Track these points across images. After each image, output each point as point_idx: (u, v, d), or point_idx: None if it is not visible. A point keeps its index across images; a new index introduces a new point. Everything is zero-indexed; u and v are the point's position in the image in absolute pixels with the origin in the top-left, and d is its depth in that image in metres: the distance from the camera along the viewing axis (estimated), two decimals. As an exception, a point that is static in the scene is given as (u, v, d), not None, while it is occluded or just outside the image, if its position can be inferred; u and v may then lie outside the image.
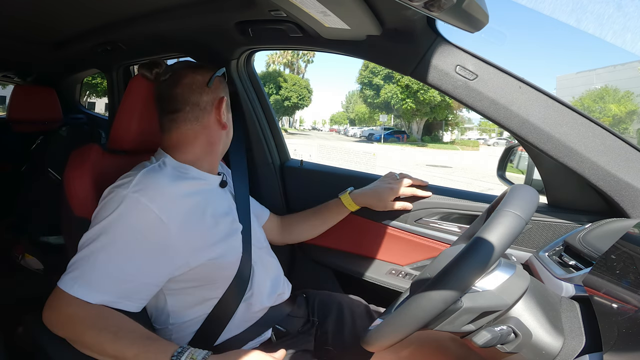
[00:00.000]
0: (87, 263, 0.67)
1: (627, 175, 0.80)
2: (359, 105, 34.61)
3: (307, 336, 0.94)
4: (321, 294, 1.04)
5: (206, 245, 0.76)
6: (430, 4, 0.51)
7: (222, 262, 0.78)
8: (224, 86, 0.89)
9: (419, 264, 1.10)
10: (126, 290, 0.68)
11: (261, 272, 0.87)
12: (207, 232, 0.77)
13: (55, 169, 1.57)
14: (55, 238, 1.55)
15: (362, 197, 1.08)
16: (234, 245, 0.82)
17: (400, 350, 0.80)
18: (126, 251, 0.68)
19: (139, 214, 0.69)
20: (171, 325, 0.80)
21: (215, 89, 0.85)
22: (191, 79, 0.83)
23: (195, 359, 0.62)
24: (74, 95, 2.44)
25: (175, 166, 0.80)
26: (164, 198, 0.71)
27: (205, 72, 0.85)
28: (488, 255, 0.54)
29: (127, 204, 0.69)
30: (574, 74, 26.50)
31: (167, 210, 0.71)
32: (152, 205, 0.69)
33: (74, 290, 0.65)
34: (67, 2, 1.10)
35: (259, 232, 0.95)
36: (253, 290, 0.84)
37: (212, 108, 0.84)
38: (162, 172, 0.76)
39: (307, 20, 0.90)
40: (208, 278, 0.78)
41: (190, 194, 0.76)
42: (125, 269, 0.68)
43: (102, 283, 0.66)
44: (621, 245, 0.63)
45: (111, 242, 0.68)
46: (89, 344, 0.64)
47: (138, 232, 0.69)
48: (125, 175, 0.75)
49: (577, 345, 0.56)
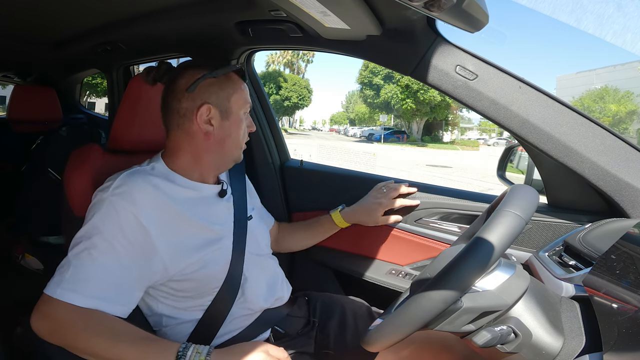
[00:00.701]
0: (70, 267, 0.67)
1: (627, 175, 0.80)
2: (359, 105, 34.63)
3: (307, 339, 0.93)
4: (323, 296, 1.03)
5: (185, 252, 0.75)
6: (430, 4, 0.51)
7: (205, 272, 0.76)
8: (217, 90, 0.79)
9: (419, 264, 1.10)
10: (111, 293, 0.68)
11: (257, 279, 0.85)
12: (188, 239, 0.75)
13: (55, 169, 1.57)
14: (55, 238, 1.55)
15: (352, 214, 1.08)
16: (219, 255, 0.79)
17: (400, 350, 0.80)
18: (108, 253, 0.68)
19: (118, 216, 0.69)
20: (165, 328, 0.80)
21: (198, 95, 0.78)
22: (174, 83, 0.79)
23: (201, 352, 0.62)
24: (74, 95, 2.43)
25: (164, 172, 0.79)
26: (143, 201, 0.71)
27: (192, 75, 0.78)
28: (488, 255, 0.54)
29: (106, 207, 0.70)
30: (574, 74, 26.53)
31: (145, 213, 0.71)
32: (131, 207, 0.70)
33: (58, 293, 0.65)
34: (67, 2, 1.10)
35: (261, 238, 0.92)
36: (246, 297, 0.83)
37: (192, 115, 0.78)
38: (147, 176, 0.75)
39: (307, 20, 0.90)
40: (193, 289, 0.77)
41: (174, 200, 0.76)
42: (109, 271, 0.68)
43: (86, 286, 0.66)
44: (621, 245, 0.63)
45: (93, 246, 0.68)
46: (85, 349, 0.64)
47: (118, 234, 0.69)
48: (110, 178, 0.75)
49: (577, 345, 0.56)
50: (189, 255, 0.75)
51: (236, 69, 0.83)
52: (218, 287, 0.79)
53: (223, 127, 0.80)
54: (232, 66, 0.82)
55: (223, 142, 0.81)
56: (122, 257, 0.69)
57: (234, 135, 0.82)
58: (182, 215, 0.76)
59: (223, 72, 0.80)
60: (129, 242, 0.70)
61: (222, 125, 0.80)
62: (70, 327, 0.64)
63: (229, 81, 0.81)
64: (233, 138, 0.82)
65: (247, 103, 0.84)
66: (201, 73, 0.78)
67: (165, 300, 0.78)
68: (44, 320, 0.66)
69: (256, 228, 0.92)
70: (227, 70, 0.81)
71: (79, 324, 0.64)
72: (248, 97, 0.84)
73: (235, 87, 0.81)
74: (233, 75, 0.82)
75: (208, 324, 0.79)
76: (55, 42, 1.56)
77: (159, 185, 0.75)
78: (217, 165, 0.84)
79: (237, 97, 0.81)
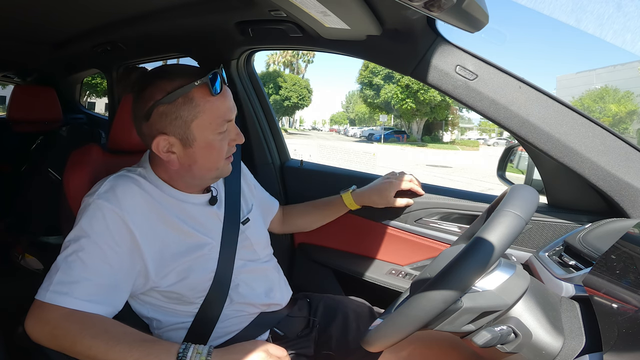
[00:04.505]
0: (59, 271, 0.67)
1: (627, 175, 0.80)
2: (359, 105, 34.63)
3: (306, 341, 0.92)
4: (325, 297, 1.02)
5: (169, 257, 0.74)
6: (430, 4, 0.51)
7: (189, 279, 0.76)
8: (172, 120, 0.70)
9: (419, 264, 1.10)
10: (100, 295, 0.68)
11: (250, 285, 0.85)
12: (172, 244, 0.75)
13: (55, 169, 1.57)
14: (55, 238, 1.56)
15: (363, 195, 1.07)
16: (203, 262, 0.78)
17: (400, 350, 0.80)
18: (96, 256, 0.68)
19: (105, 218, 0.70)
20: (158, 330, 0.80)
21: (153, 124, 0.71)
22: (135, 103, 0.74)
23: (202, 352, 0.62)
24: (74, 95, 2.44)
25: (151, 177, 0.78)
26: (128, 204, 0.72)
27: (148, 98, 0.70)
28: (488, 255, 0.54)
29: (92, 210, 0.70)
30: (574, 74, 26.54)
31: (131, 216, 0.71)
32: (117, 210, 0.70)
33: (47, 297, 0.65)
34: (67, 2, 1.10)
35: (257, 242, 0.90)
36: (238, 302, 0.82)
37: (151, 144, 0.72)
38: (134, 179, 0.75)
39: (307, 20, 0.90)
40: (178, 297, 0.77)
41: (160, 204, 0.76)
42: (98, 273, 0.68)
43: (76, 288, 0.66)
44: (621, 245, 0.63)
45: (81, 248, 0.68)
46: (83, 352, 0.63)
47: (105, 236, 0.69)
48: (98, 182, 0.75)
49: (577, 345, 0.56)
50: (173, 260, 0.75)
51: (199, 84, 0.70)
52: (203, 295, 0.78)
53: (187, 155, 0.74)
54: (190, 85, 0.69)
55: (190, 168, 0.75)
56: (110, 259, 0.69)
57: (202, 161, 0.74)
58: (168, 219, 0.76)
59: (177, 95, 0.69)
60: (116, 243, 0.70)
61: (185, 153, 0.73)
62: (64, 331, 0.64)
63: (188, 104, 0.70)
64: (200, 164, 0.75)
65: (220, 119, 0.73)
66: (160, 94, 0.69)
67: (154, 306, 0.78)
68: (38, 325, 0.65)
69: (253, 232, 0.89)
70: (182, 92, 0.69)
71: (74, 327, 0.64)
72: (223, 111, 0.73)
73: (197, 110, 0.71)
74: (195, 95, 0.70)
75: (199, 330, 0.79)
76: (55, 42, 1.56)
77: (145, 188, 0.75)
78: (195, 185, 0.81)
79: (201, 121, 0.71)
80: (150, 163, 0.80)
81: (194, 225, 0.79)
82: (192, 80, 0.70)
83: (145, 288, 0.75)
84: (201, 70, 0.73)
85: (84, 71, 2.23)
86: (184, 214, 0.78)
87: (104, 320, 0.66)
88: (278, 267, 0.96)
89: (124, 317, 0.71)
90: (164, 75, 0.71)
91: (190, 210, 0.79)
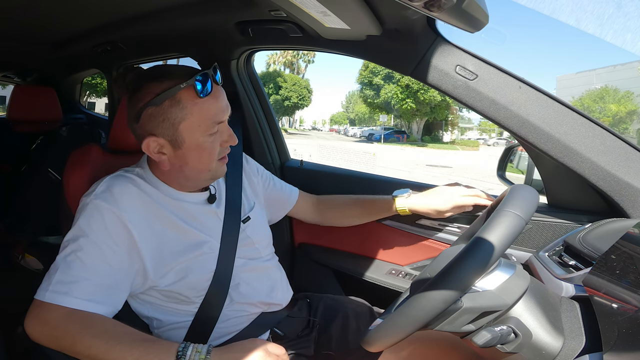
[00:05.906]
0: (58, 270, 0.67)
1: (627, 175, 0.80)
2: (359, 105, 34.61)
3: (306, 341, 0.92)
4: (326, 297, 1.02)
5: (167, 256, 0.75)
6: (430, 4, 0.51)
7: (188, 279, 0.76)
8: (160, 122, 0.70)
9: (419, 264, 1.10)
10: (100, 295, 0.68)
11: (251, 284, 0.85)
12: (170, 243, 0.75)
13: (55, 169, 1.57)
14: (55, 238, 1.55)
15: (421, 205, 0.97)
16: (202, 261, 0.78)
17: (400, 350, 0.80)
18: (94, 255, 0.68)
19: (102, 218, 0.70)
20: (158, 330, 0.80)
21: (143, 126, 0.72)
22: (129, 103, 0.74)
23: (201, 351, 0.62)
24: (74, 95, 2.43)
25: (149, 177, 0.79)
26: (126, 204, 0.72)
27: (139, 100, 0.71)
28: (488, 256, 0.54)
29: (90, 210, 0.71)
30: (574, 74, 26.54)
31: (129, 215, 0.71)
32: (115, 209, 0.71)
33: (47, 297, 0.65)
34: (66, 2, 1.10)
35: (258, 241, 0.90)
36: (239, 302, 0.82)
37: (142, 145, 0.73)
38: (131, 179, 0.76)
39: (307, 20, 0.90)
40: (177, 296, 0.77)
41: (158, 203, 0.76)
42: (97, 272, 0.68)
43: (75, 288, 0.66)
44: (621, 245, 0.63)
45: (79, 248, 0.68)
46: (83, 352, 0.63)
47: (104, 235, 0.69)
48: (95, 182, 0.76)
49: (577, 345, 0.56)
50: (172, 259, 0.75)
51: (185, 86, 0.69)
52: (203, 295, 0.78)
53: (178, 156, 0.74)
54: (176, 88, 0.69)
55: (182, 169, 0.76)
56: (109, 258, 0.69)
57: (193, 162, 0.74)
58: (166, 218, 0.76)
59: (164, 98, 0.69)
60: (114, 243, 0.70)
61: (175, 154, 0.74)
62: (64, 330, 0.64)
63: (175, 106, 0.70)
64: (191, 166, 0.75)
65: (209, 121, 0.72)
66: (149, 96, 0.70)
67: (154, 306, 0.79)
68: (37, 325, 0.66)
69: (253, 231, 0.88)
70: (169, 94, 0.69)
71: (73, 327, 0.64)
72: (213, 113, 0.72)
73: (184, 112, 0.70)
74: (183, 97, 0.70)
75: (199, 329, 0.79)
76: (55, 42, 1.57)
77: (143, 188, 0.76)
78: (190, 185, 0.80)
79: (189, 123, 0.71)
80: (148, 163, 0.81)
81: (192, 223, 0.79)
82: (179, 82, 0.69)
83: (144, 287, 0.75)
84: (193, 71, 0.72)
85: (84, 71, 2.23)
86: (182, 212, 0.78)
87: (103, 319, 0.66)
88: (280, 266, 0.95)
89: (124, 317, 0.72)
90: (154, 77, 0.72)
91: (188, 209, 0.79)
